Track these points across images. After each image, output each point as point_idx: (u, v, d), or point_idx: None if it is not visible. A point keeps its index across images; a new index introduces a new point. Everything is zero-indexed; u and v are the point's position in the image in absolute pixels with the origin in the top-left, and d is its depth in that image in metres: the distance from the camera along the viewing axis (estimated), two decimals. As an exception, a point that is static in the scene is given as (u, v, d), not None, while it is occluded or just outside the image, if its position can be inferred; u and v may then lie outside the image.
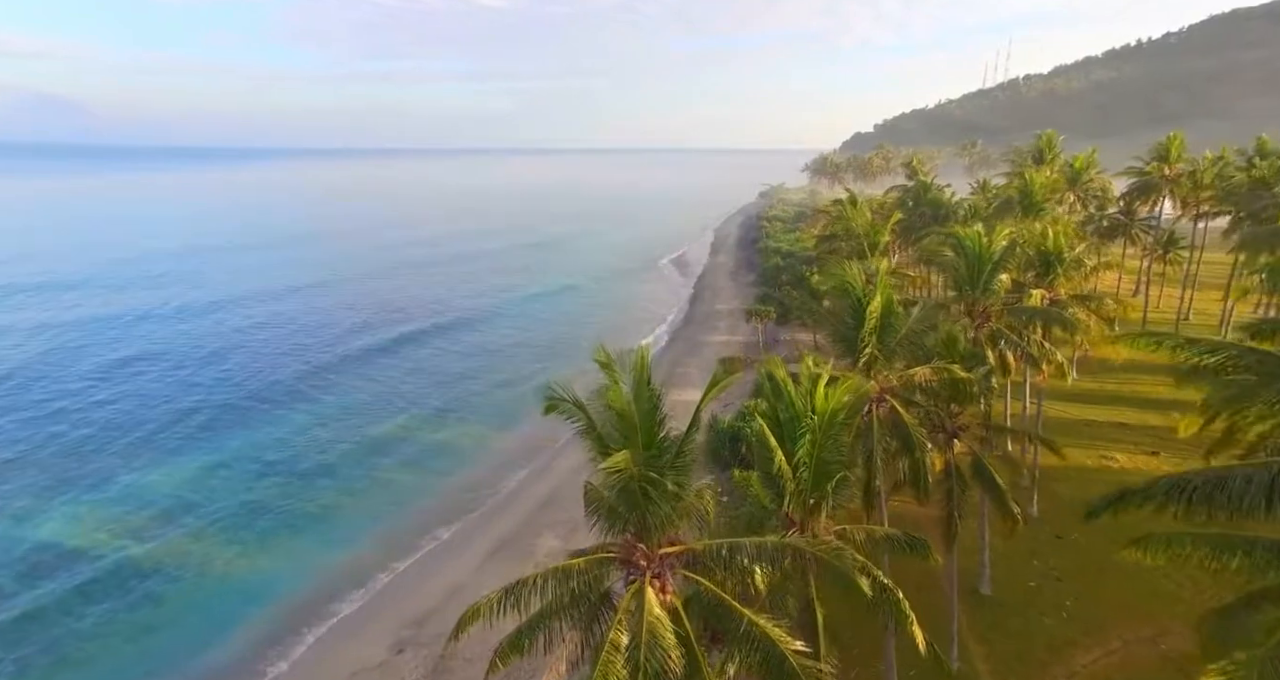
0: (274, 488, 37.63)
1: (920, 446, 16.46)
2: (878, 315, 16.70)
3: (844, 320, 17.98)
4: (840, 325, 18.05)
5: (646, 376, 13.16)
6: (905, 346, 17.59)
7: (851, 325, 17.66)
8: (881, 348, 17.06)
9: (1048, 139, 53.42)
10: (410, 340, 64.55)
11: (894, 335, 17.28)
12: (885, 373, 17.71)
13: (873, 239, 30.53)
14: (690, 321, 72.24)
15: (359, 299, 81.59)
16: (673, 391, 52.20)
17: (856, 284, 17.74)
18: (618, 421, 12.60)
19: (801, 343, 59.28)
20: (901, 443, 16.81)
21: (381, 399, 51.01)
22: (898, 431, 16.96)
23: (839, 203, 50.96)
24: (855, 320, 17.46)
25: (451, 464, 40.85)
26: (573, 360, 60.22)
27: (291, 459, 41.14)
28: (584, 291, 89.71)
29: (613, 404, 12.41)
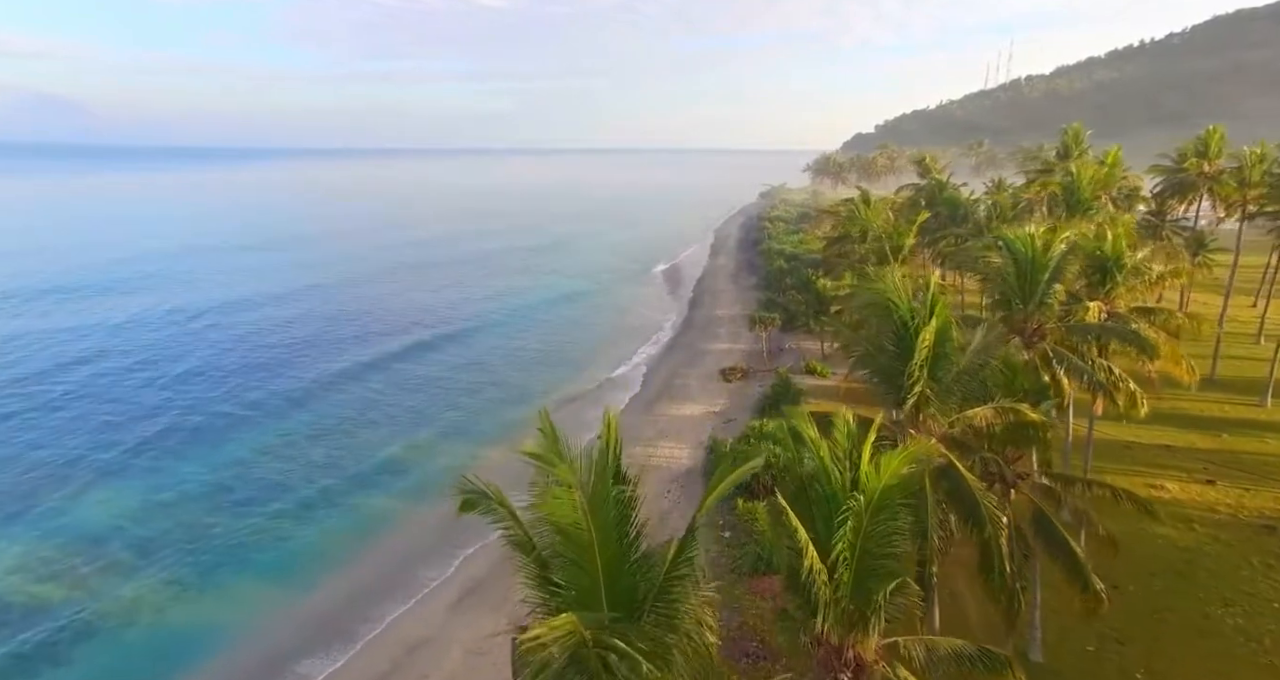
0: (228, 517, 33.90)
1: (994, 521, 12.61)
2: (931, 343, 12.92)
3: (881, 346, 14.18)
4: (876, 353, 14.24)
5: (614, 464, 9.28)
6: (963, 382, 13.80)
7: (893, 353, 13.89)
8: (935, 385, 13.31)
9: (1074, 133, 49.51)
10: (396, 352, 60.19)
11: (949, 368, 13.53)
12: (939, 417, 13.88)
13: (895, 241, 26.87)
14: (690, 327, 68.48)
15: (349, 304, 77.42)
16: (671, 405, 48.62)
17: (901, 301, 13.84)
18: (563, 544, 8.71)
19: (808, 351, 55.56)
20: (964, 513, 12.95)
21: (359, 415, 47.23)
22: (956, 497, 13.11)
23: (850, 202, 47.35)
24: (899, 348, 13.70)
25: (429, 491, 36.99)
26: (565, 373, 56.55)
27: (252, 484, 37.41)
28: (581, 296, 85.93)
29: (555, 518, 8.56)
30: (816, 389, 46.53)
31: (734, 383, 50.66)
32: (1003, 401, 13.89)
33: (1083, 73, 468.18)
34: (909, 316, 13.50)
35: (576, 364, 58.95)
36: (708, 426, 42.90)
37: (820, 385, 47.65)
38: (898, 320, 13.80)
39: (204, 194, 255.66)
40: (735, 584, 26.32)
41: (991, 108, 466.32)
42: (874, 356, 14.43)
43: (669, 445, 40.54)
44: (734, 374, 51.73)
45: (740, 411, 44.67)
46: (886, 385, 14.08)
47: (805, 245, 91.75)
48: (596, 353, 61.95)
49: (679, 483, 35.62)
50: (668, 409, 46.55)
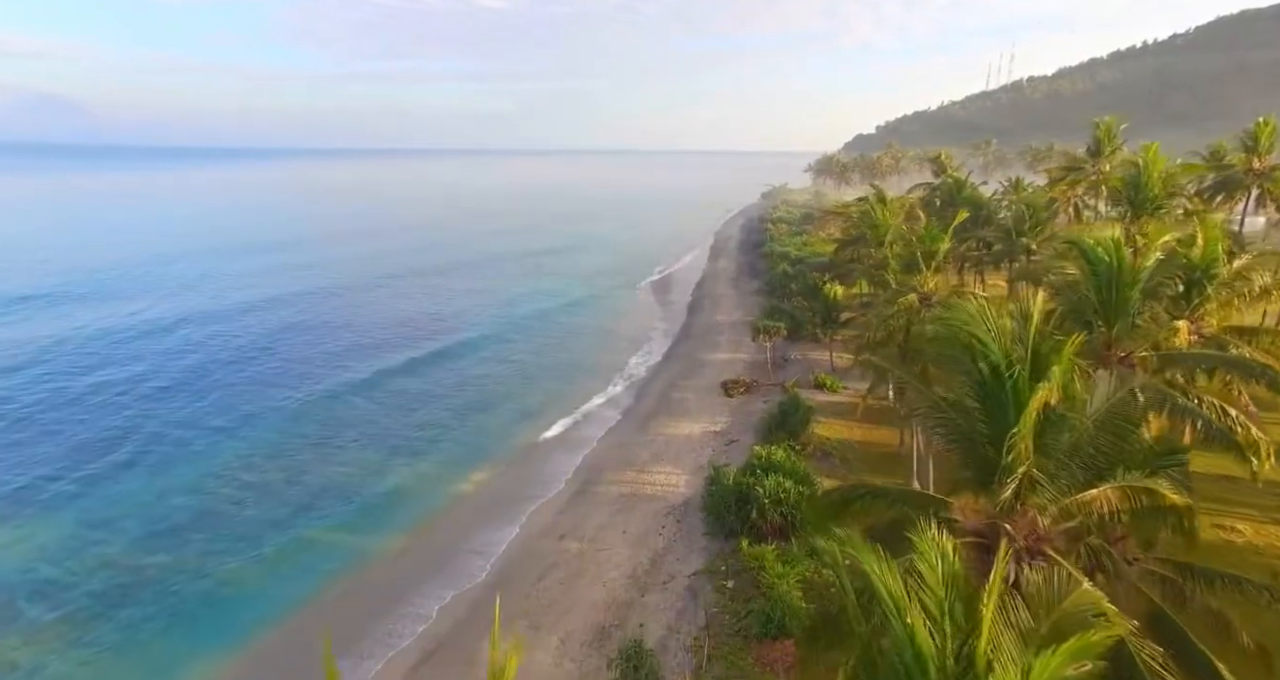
0: (164, 556, 29.88)
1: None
2: (1040, 406, 8.86)
3: (960, 405, 10.06)
4: (952, 409, 10.15)
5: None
6: (1083, 454, 9.69)
7: (976, 413, 9.80)
8: (1045, 461, 9.29)
9: (1106, 128, 45.31)
10: (383, 368, 54.99)
11: (1065, 435, 9.52)
12: (1048, 504, 9.75)
13: (928, 246, 22.98)
14: (688, 335, 64.48)
15: (339, 313, 72.37)
16: (668, 423, 44.52)
17: (992, 341, 9.53)
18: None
19: (815, 363, 51.58)
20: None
21: (333, 434, 43.19)
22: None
23: (864, 200, 43.54)
24: (987, 406, 9.62)
25: (396, 524, 32.95)
26: (556, 387, 52.50)
27: (199, 515, 33.44)
28: (577, 303, 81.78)
29: None
30: (827, 406, 42.57)
31: (736, 397, 46.68)
32: (1129, 476, 9.81)
33: (1085, 74, 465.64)
34: (1004, 363, 9.36)
35: (570, 375, 54.97)
36: (708, 448, 38.92)
37: (831, 401, 43.71)
38: (985, 368, 9.64)
39: (203, 194, 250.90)
40: (741, 651, 22.32)
41: (993, 109, 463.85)
42: (947, 413, 10.36)
43: (665, 470, 36.55)
44: (736, 387, 47.76)
45: (743, 431, 40.67)
46: (967, 456, 10.08)
47: (810, 248, 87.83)
48: (590, 363, 57.97)
49: (674, 516, 31.63)
50: (664, 427, 42.55)
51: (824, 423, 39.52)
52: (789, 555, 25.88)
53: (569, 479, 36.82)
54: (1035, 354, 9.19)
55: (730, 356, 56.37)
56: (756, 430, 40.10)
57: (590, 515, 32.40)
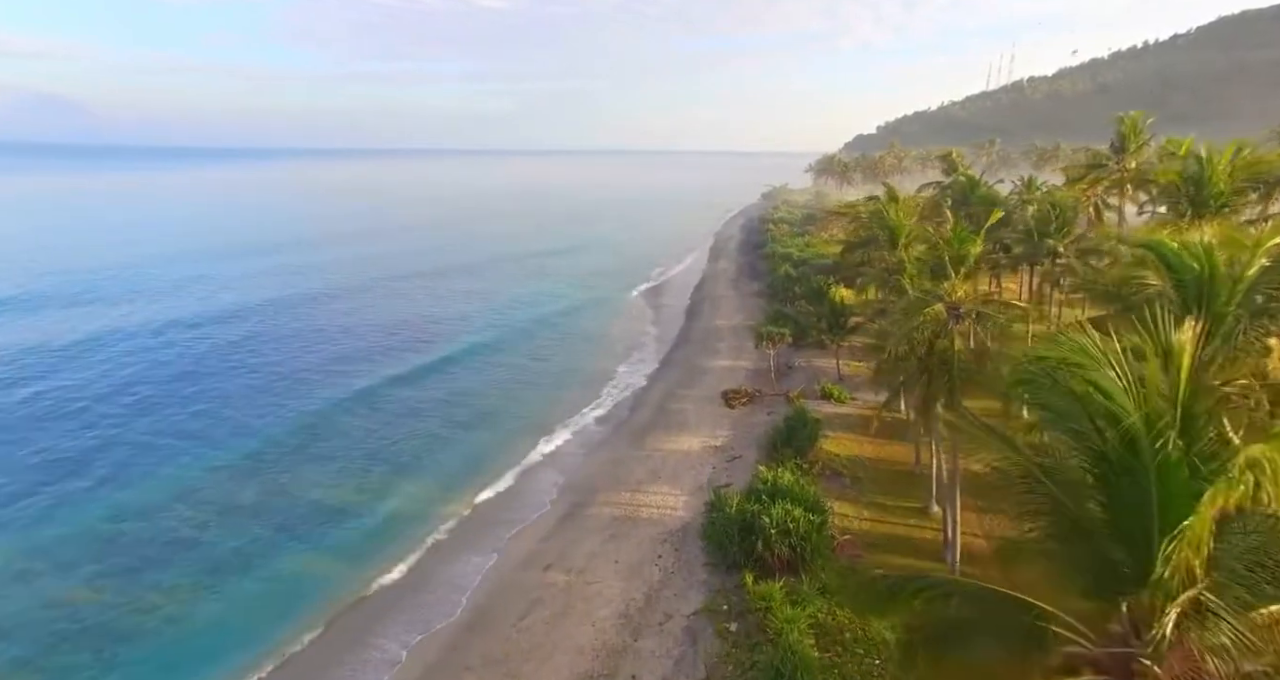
0: (109, 585, 27.20)
1: None
2: (1218, 510, 5.76)
3: (1063, 476, 6.98)
4: (1055, 485, 7.09)
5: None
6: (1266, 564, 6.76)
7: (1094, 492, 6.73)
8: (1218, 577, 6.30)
9: (1132, 123, 42.50)
10: (369, 375, 52.42)
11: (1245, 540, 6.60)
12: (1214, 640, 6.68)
13: (956, 249, 20.37)
14: (687, 341, 61.81)
15: (327, 319, 68.63)
16: (665, 437, 41.79)
17: (1130, 402, 6.15)
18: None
19: (821, 371, 48.93)
20: None
21: (307, 445, 40.54)
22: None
23: (874, 200, 40.93)
24: (1117, 488, 6.45)
25: (369, 551, 30.27)
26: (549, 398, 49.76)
27: (153, 539, 30.79)
28: (575, 305, 79.17)
29: None
30: (835, 418, 39.92)
31: (738, 409, 44.04)
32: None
33: (1086, 74, 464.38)
34: (1146, 431, 6.36)
35: (563, 384, 52.29)
36: (708, 466, 36.26)
37: (839, 413, 41.05)
38: (1114, 435, 6.60)
39: (201, 194, 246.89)
40: (746, 709, 19.65)
41: (994, 109, 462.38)
42: (1043, 484, 7.42)
43: (661, 491, 33.86)
44: (738, 398, 45.12)
45: (746, 446, 37.99)
46: (1074, 551, 7.14)
47: (812, 249, 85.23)
48: (584, 370, 55.31)
49: (672, 544, 28.95)
50: (661, 441, 39.86)
51: (832, 437, 36.88)
52: (799, 594, 23.25)
53: (556, 500, 34.16)
54: (1188, 416, 6.34)
55: (731, 364, 53.74)
56: (760, 445, 37.44)
57: (579, 542, 29.72)
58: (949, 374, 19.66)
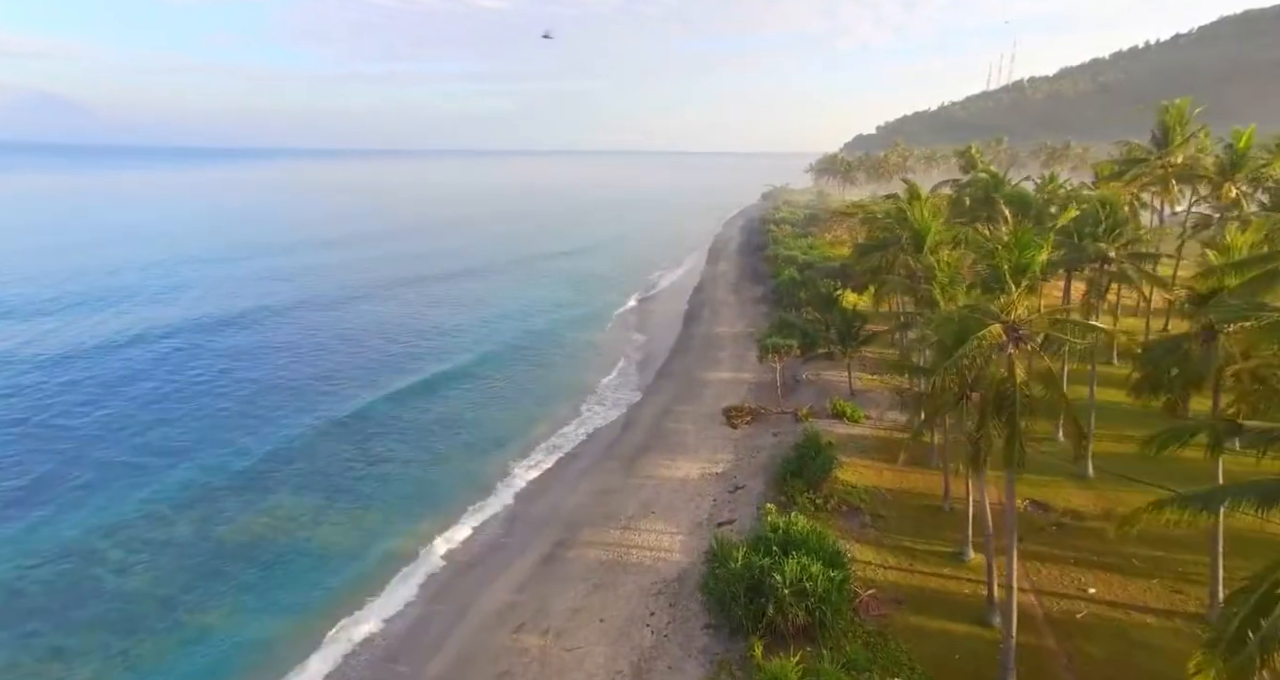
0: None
1: None
2: None
3: None
4: None
5: None
6: None
7: None
8: None
9: (1177, 113, 38.25)
10: (345, 388, 48.38)
11: None
12: None
13: (1018, 257, 16.33)
14: (684, 349, 57.71)
15: (312, 330, 63.63)
16: (660, 462, 37.52)
17: None
18: None
19: (830, 385, 44.90)
20: None
21: (263, 474, 36.43)
22: None
23: (893, 198, 36.98)
24: None
25: (312, 602, 26.17)
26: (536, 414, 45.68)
27: (74, 585, 26.63)
28: (569, 311, 75.21)
29: None
30: (848, 441, 35.90)
31: (740, 428, 39.96)
32: None
33: (1087, 74, 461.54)
34: None
35: (551, 398, 48.26)
36: (708, 498, 32.16)
37: (852, 435, 37.02)
38: None
39: (196, 194, 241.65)
40: None
41: (994, 109, 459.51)
42: None
43: (655, 528, 29.77)
44: (740, 416, 41.05)
45: (751, 474, 33.90)
46: None
47: (817, 251, 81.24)
48: (574, 383, 51.27)
49: (666, 598, 24.85)
50: (656, 467, 35.76)
51: (847, 464, 32.80)
52: (818, 671, 19.16)
53: (536, 539, 30.04)
54: None
55: (732, 376, 49.68)
56: (766, 473, 33.38)
57: (559, 593, 25.61)
58: (1008, 414, 15.61)
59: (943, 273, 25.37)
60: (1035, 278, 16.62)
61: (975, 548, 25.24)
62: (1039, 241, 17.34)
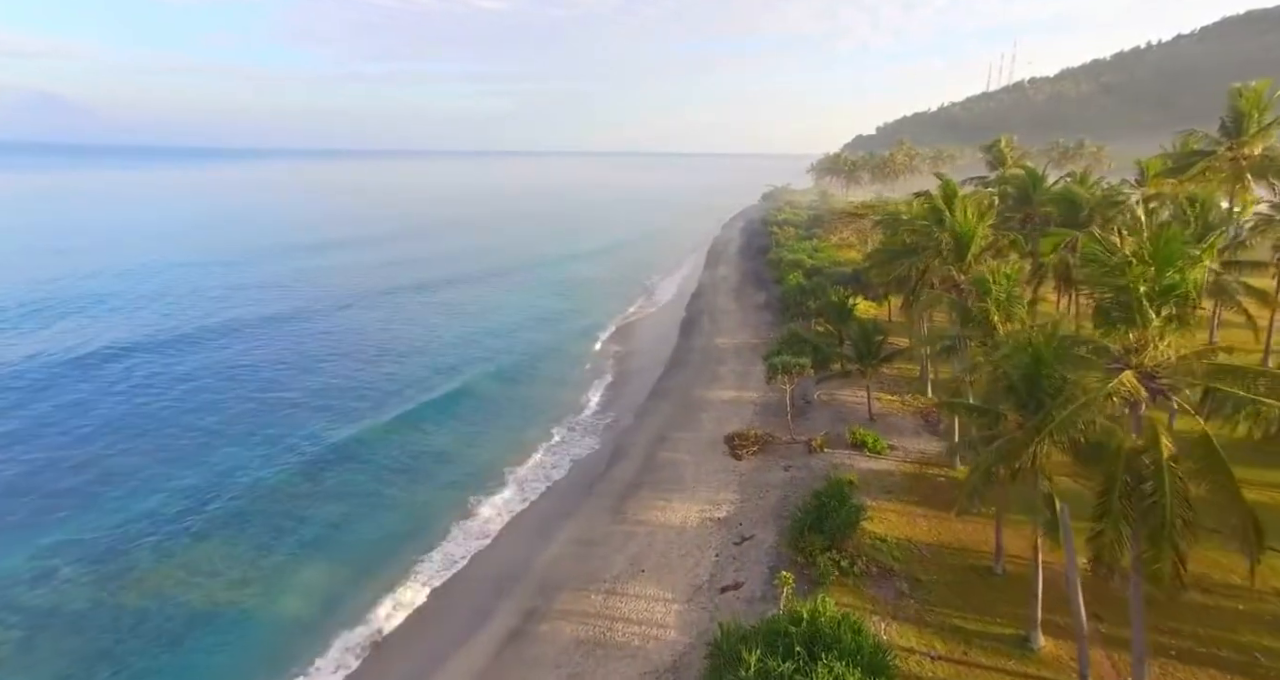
0: None
1: None
2: None
3: None
4: None
5: None
6: None
7: None
8: None
9: (1254, 97, 33.04)
10: (299, 426, 42.09)
11: None
12: None
13: (1160, 278, 11.50)
14: (682, 364, 52.59)
15: (288, 348, 57.31)
16: (653, 502, 32.23)
17: None
18: None
19: (847, 407, 39.86)
20: None
21: (196, 517, 31.37)
22: None
23: (923, 196, 32.05)
24: None
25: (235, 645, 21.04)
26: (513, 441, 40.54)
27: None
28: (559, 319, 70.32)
29: None
30: (871, 477, 30.90)
31: (746, 460, 34.88)
32: None
33: (1089, 75, 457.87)
34: None
35: (532, 420, 43.23)
36: (709, 551, 27.08)
37: (875, 470, 31.98)
38: None
39: (193, 194, 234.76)
40: None
41: (996, 109, 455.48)
42: None
43: (646, 593, 24.68)
44: (745, 444, 35.93)
45: (759, 521, 28.81)
46: None
47: (823, 254, 76.24)
48: (560, 402, 46.27)
49: (659, 697, 19.76)
50: (647, 509, 30.67)
51: (873, 508, 27.72)
52: None
53: (503, 606, 24.95)
54: None
55: (735, 394, 44.57)
56: (778, 520, 28.30)
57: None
58: (1155, 522, 10.48)
59: (999, 287, 20.41)
60: (1185, 304, 11.81)
61: (1046, 630, 20.20)
62: (1195, 254, 12.45)
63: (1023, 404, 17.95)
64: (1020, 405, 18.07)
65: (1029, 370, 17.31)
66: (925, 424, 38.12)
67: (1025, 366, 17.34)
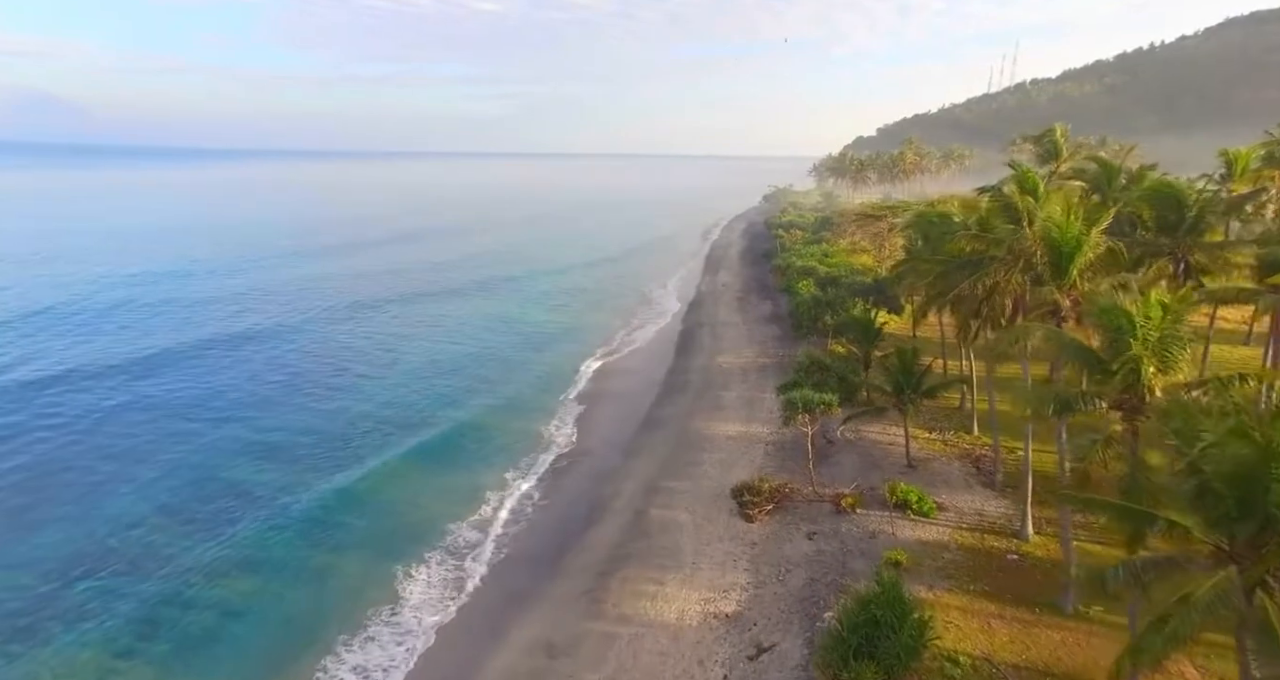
0: None
1: None
2: None
3: None
4: None
5: None
6: None
7: None
8: None
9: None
10: (247, 461, 35.84)
11: None
12: None
13: None
14: (678, 388, 45.40)
15: (249, 377, 48.65)
16: (639, 589, 23.54)
17: None
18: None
19: (879, 449, 32.80)
20: None
21: (93, 577, 24.29)
22: None
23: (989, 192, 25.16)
24: None
25: None
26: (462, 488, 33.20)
27: None
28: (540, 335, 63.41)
29: None
30: (921, 552, 23.98)
31: (759, 521, 27.76)
32: None
33: (1093, 76, 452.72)
34: None
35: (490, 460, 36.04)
36: (714, 666, 19.96)
37: (925, 540, 25.00)
38: None
39: (190, 195, 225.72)
40: None
41: (999, 111, 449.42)
42: None
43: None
44: (758, 502, 28.73)
45: (779, 620, 21.65)
46: None
47: (834, 259, 69.31)
48: (521, 438, 39.07)
49: None
50: (633, 597, 23.49)
51: (929, 602, 20.62)
52: None
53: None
54: None
55: (743, 429, 37.40)
56: (805, 621, 21.22)
57: None
58: None
59: (1151, 321, 13.48)
60: None
61: None
62: None
63: (1227, 520, 11.26)
64: (1222, 521, 11.38)
65: (1247, 470, 10.66)
66: (977, 472, 31.13)
67: (1240, 464, 10.67)
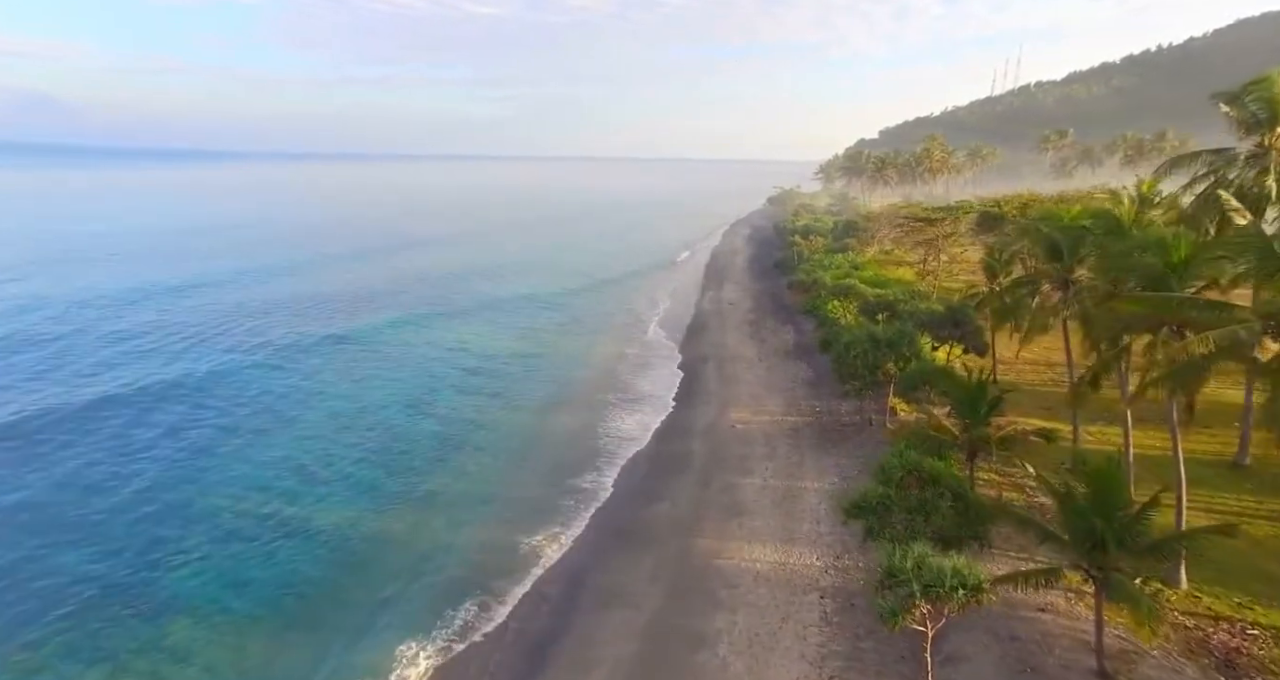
0: None
1: None
2: None
3: None
4: None
5: None
6: None
7: None
8: None
9: None
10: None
11: None
12: None
13: None
14: (674, 465, 31.43)
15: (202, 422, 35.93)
16: None
17: None
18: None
19: (1036, 625, 19.10)
20: None
21: None
22: None
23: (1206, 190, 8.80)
24: None
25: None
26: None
27: None
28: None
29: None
30: None
31: None
32: None
33: (1099, 77, 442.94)
34: None
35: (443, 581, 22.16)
36: None
37: None
38: None
39: (187, 195, 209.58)
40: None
41: (1003, 113, 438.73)
42: None
43: None
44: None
45: None
46: None
47: (869, 273, 55.86)
48: (490, 542, 25.19)
49: None
50: None
51: None
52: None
53: None
54: None
55: (778, 558, 23.51)
56: None
57: None
58: None
59: None
60: None
61: None
62: None
63: None
64: None
65: None
66: (1227, 671, 17.19)
67: None
